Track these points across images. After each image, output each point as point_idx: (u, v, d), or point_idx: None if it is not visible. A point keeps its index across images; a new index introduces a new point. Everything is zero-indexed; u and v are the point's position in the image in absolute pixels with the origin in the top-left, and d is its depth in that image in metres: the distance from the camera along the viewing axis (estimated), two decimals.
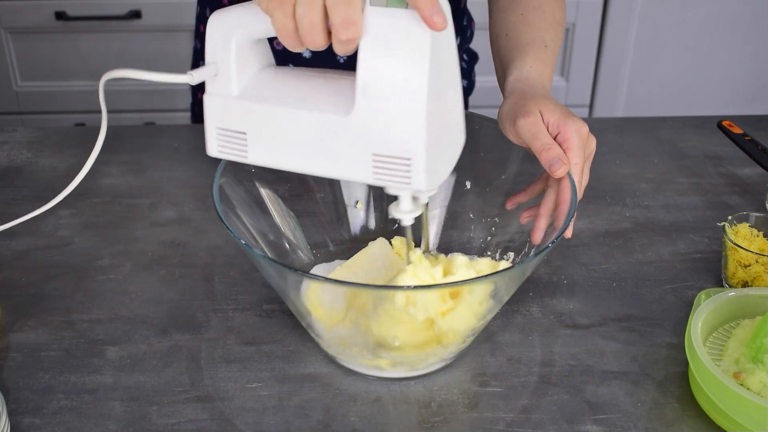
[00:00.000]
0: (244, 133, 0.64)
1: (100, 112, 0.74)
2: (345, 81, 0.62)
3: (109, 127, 1.16)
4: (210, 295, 0.84)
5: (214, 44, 0.63)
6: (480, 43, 1.22)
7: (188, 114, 1.34)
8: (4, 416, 0.67)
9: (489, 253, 0.84)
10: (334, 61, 1.01)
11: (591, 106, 2.19)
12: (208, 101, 0.65)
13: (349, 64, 0.80)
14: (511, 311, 0.83)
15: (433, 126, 0.59)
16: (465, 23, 1.15)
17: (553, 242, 0.68)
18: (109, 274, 0.88)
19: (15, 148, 1.11)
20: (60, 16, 1.99)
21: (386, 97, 0.58)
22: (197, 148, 1.12)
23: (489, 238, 0.84)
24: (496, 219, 0.84)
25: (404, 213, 0.66)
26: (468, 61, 1.24)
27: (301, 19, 0.56)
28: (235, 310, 0.82)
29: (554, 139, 0.75)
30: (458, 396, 0.73)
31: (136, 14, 1.99)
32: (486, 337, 0.79)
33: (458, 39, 1.14)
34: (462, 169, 0.73)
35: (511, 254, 0.81)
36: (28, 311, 0.82)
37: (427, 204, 0.71)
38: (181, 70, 0.67)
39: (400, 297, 0.66)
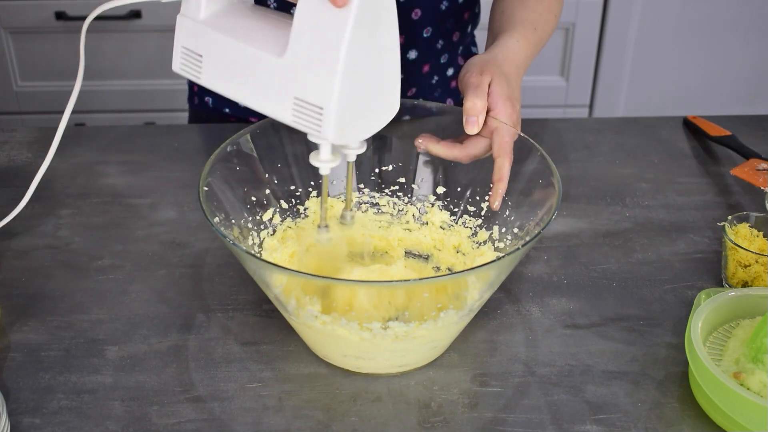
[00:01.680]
0: (200, 56, 0.70)
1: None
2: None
3: (109, 127, 1.16)
4: (210, 295, 0.84)
5: None
6: (481, 43, 1.22)
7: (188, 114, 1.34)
8: (4, 416, 0.67)
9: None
10: None
11: (591, 106, 2.19)
12: (179, 21, 0.70)
13: None
14: (511, 311, 0.83)
15: (351, 82, 0.63)
16: (477, 11, 1.16)
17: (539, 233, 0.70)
18: (109, 274, 0.88)
19: (15, 148, 1.11)
20: (60, 16, 1.99)
21: (312, 46, 0.63)
22: (197, 148, 1.12)
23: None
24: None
25: (321, 162, 0.70)
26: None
27: None
28: (234, 310, 0.82)
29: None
30: (458, 396, 0.73)
31: (136, 14, 1.99)
32: (486, 337, 0.79)
33: (469, 27, 1.15)
34: None
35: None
36: (28, 311, 0.82)
37: (353, 162, 0.76)
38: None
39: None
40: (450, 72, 1.15)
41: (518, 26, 0.91)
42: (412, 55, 1.09)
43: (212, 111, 1.18)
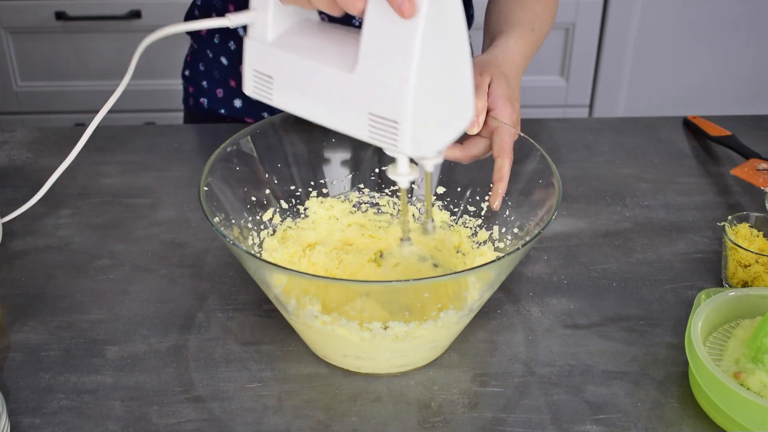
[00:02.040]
0: (271, 77, 0.69)
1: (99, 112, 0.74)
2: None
3: (109, 127, 1.16)
4: (210, 295, 0.84)
5: None
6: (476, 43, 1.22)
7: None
8: (4, 416, 0.67)
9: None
10: None
11: (591, 106, 2.19)
12: (248, 44, 0.69)
13: None
14: (511, 311, 0.83)
15: (424, 94, 0.61)
16: (470, 12, 1.16)
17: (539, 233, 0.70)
18: (109, 274, 0.88)
19: (15, 148, 1.11)
20: (60, 16, 1.99)
21: (383, 59, 0.61)
22: (197, 148, 1.12)
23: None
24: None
25: (399, 175, 0.69)
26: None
27: None
28: (234, 310, 0.82)
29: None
30: (458, 396, 0.73)
31: (136, 14, 1.99)
32: (486, 337, 0.79)
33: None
34: None
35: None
36: (28, 311, 0.82)
37: (431, 174, 0.74)
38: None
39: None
40: None
41: (516, 27, 0.91)
42: None
43: (207, 112, 1.18)
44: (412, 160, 0.69)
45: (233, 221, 0.78)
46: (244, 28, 0.68)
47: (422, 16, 0.59)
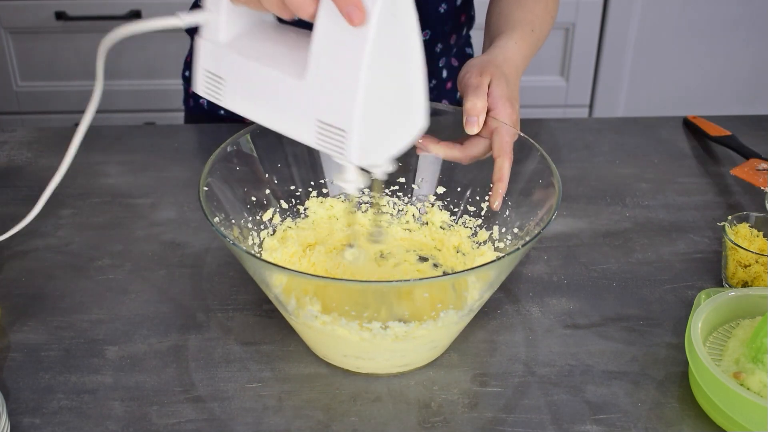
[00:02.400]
0: (222, 78, 0.68)
1: (100, 111, 0.75)
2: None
3: (109, 127, 1.16)
4: (210, 295, 0.84)
5: None
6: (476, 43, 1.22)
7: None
8: (4, 416, 0.67)
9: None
10: None
11: (591, 106, 2.19)
12: (200, 44, 0.69)
13: None
14: (511, 311, 0.83)
15: (373, 103, 0.61)
16: (472, 13, 1.16)
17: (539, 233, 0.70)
18: (109, 274, 0.88)
19: (15, 148, 1.11)
20: (60, 16, 1.99)
21: (332, 67, 0.61)
22: (197, 148, 1.12)
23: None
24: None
25: (346, 182, 0.70)
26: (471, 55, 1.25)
27: None
28: (234, 310, 0.82)
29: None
30: (458, 396, 0.73)
31: (136, 14, 1.99)
32: (486, 337, 0.79)
33: (464, 29, 1.15)
34: None
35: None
36: (28, 311, 0.82)
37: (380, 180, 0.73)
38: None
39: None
40: (444, 74, 1.15)
41: (516, 28, 0.91)
42: None
43: (207, 113, 1.18)
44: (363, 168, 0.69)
45: (233, 221, 0.78)
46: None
47: (372, 25, 0.58)
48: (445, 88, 1.16)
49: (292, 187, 0.86)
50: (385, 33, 0.59)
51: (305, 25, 0.64)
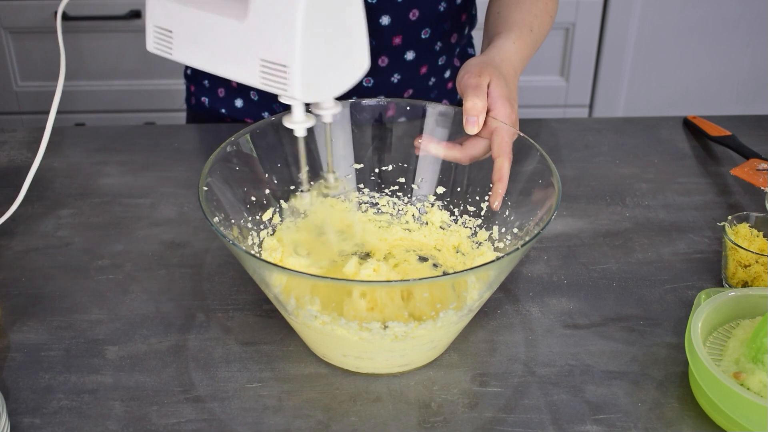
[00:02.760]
0: (170, 31, 0.71)
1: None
2: None
3: (109, 127, 1.16)
4: (210, 295, 0.84)
5: None
6: (477, 44, 1.22)
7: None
8: (4, 416, 0.67)
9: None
10: None
11: (591, 106, 2.19)
12: (149, 1, 0.71)
13: None
14: (511, 311, 0.83)
15: (313, 38, 0.64)
16: (473, 12, 1.16)
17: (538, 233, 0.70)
18: (109, 274, 0.88)
19: (15, 148, 1.11)
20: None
21: (272, 5, 0.64)
22: (197, 148, 1.12)
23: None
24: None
25: (295, 123, 0.71)
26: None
27: None
28: (234, 310, 0.82)
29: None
30: (458, 396, 0.73)
31: (136, 14, 1.99)
32: (486, 337, 0.79)
33: (466, 28, 1.15)
34: None
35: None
36: (28, 311, 0.82)
37: (330, 125, 0.76)
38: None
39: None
40: (447, 74, 1.15)
41: (515, 28, 0.91)
42: (410, 56, 1.09)
43: (208, 111, 1.18)
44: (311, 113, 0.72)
45: (233, 221, 0.78)
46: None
47: None
48: (445, 88, 1.16)
49: (292, 187, 0.86)
50: None
51: None
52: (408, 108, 0.86)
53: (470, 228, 0.85)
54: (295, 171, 0.85)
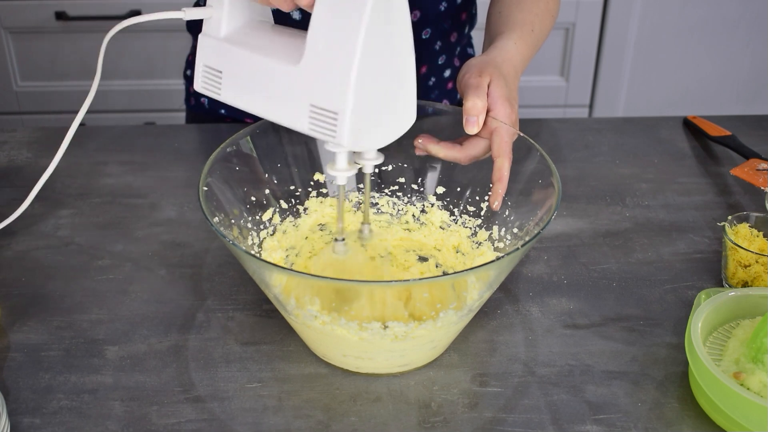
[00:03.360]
0: (220, 72, 0.71)
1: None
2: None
3: (109, 127, 1.16)
4: (210, 295, 0.84)
5: None
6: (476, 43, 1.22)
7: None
8: (4, 416, 0.67)
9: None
10: None
11: (591, 106, 2.19)
12: (201, 40, 0.72)
13: None
14: (511, 311, 0.83)
15: (365, 87, 0.64)
16: (474, 11, 1.16)
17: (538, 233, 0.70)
18: (109, 274, 0.88)
19: (15, 148, 1.11)
20: (60, 16, 1.99)
21: (328, 51, 0.64)
22: (197, 148, 1.12)
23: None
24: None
25: (338, 171, 0.71)
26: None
27: None
28: (234, 310, 0.82)
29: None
30: (458, 396, 0.73)
31: (136, 14, 1.99)
32: (486, 337, 0.79)
33: (466, 28, 1.15)
34: None
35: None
36: (28, 311, 0.82)
37: (371, 175, 0.76)
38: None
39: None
40: (447, 73, 1.15)
41: (516, 28, 0.91)
42: None
43: (208, 112, 1.18)
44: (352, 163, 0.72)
45: (233, 221, 0.78)
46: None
47: (368, 8, 0.61)
48: (446, 88, 1.16)
49: (292, 187, 0.86)
50: (379, 19, 0.62)
51: (305, 26, 0.65)
52: None
53: (470, 228, 0.85)
54: (295, 172, 0.85)
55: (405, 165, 0.87)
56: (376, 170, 0.88)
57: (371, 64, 0.63)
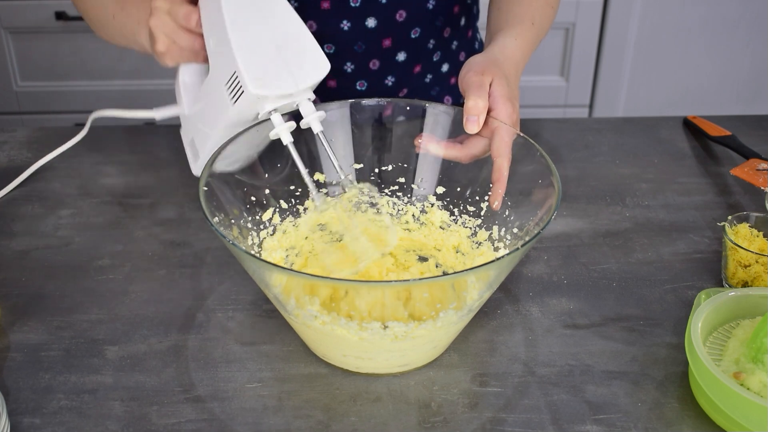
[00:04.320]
0: (193, 139, 0.89)
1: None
2: None
3: (109, 127, 1.16)
4: (210, 295, 0.84)
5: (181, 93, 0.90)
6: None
7: None
8: (4, 416, 0.67)
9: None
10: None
11: (591, 106, 2.19)
12: (182, 120, 0.91)
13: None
14: (511, 311, 0.83)
15: (251, 46, 0.76)
16: (469, 1, 1.16)
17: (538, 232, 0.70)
18: (109, 274, 0.88)
19: (15, 148, 1.11)
20: (60, 16, 1.99)
21: (216, 46, 0.79)
22: None
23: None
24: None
25: (276, 127, 0.78)
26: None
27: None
28: (235, 310, 0.82)
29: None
30: (458, 396, 0.73)
31: None
32: (486, 337, 0.79)
33: (462, 19, 1.14)
34: None
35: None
36: (28, 311, 0.82)
37: (322, 132, 0.80)
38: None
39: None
40: (445, 68, 1.13)
41: (516, 23, 0.91)
42: (401, 56, 1.07)
43: None
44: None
45: (233, 221, 0.78)
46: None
47: None
48: (448, 83, 1.15)
49: (292, 187, 0.86)
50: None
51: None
52: (408, 107, 0.86)
53: (470, 228, 0.85)
54: (295, 172, 0.85)
55: (405, 165, 0.87)
56: (377, 170, 0.88)
57: (246, 27, 0.76)
